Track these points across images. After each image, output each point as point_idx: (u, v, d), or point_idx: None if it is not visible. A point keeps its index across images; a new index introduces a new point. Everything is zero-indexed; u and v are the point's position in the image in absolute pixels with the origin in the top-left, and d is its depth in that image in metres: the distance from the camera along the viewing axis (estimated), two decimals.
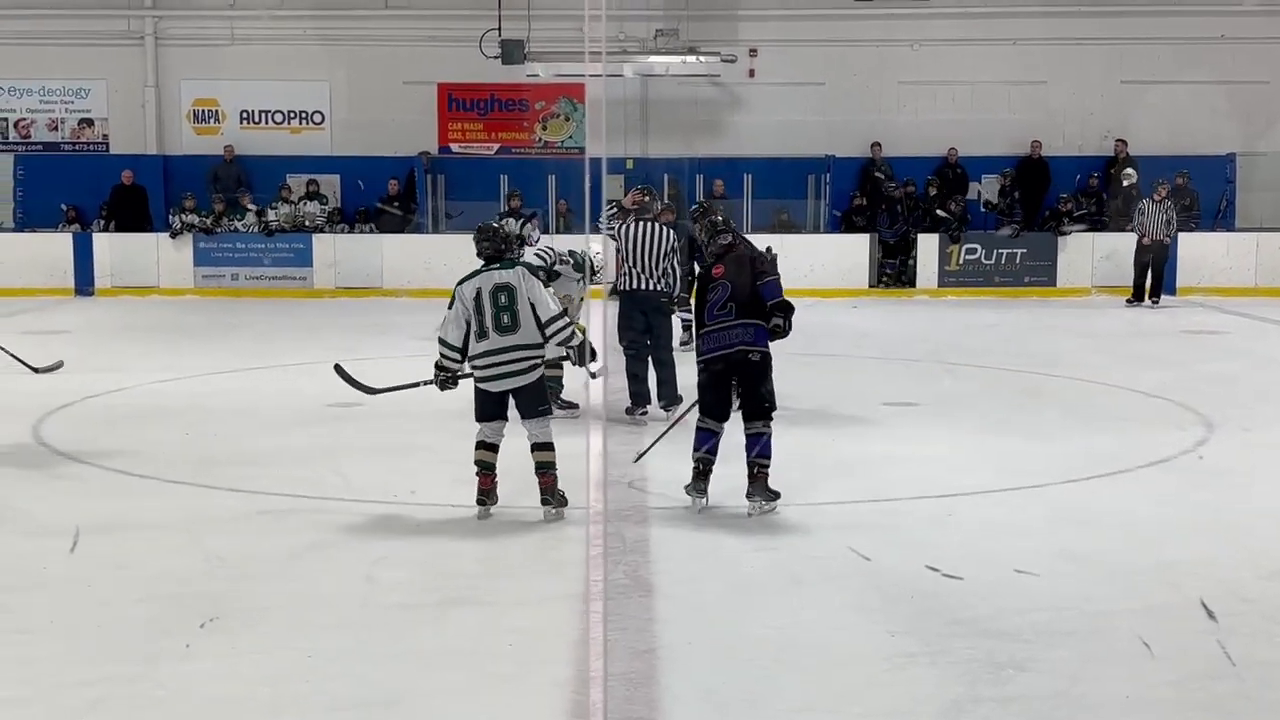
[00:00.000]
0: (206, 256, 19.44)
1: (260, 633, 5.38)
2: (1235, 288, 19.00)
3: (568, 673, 4.95)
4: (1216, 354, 13.76)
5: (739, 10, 20.39)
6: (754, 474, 7.11)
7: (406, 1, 20.74)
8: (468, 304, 7.06)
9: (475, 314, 7.04)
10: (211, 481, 7.90)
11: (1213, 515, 7.24)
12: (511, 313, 7.03)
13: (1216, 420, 9.72)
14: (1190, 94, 20.42)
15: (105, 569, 6.29)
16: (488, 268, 7.16)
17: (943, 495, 7.54)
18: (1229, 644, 5.20)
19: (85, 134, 21.17)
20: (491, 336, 7.02)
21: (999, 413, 10.31)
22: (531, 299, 7.06)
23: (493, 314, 7.02)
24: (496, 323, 7.02)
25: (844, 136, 20.57)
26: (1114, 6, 20.42)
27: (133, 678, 4.93)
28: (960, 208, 19.56)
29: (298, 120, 21.17)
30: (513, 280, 7.08)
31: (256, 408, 10.45)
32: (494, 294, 7.03)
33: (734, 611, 5.64)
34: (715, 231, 7.48)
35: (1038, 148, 20.26)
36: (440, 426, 8.78)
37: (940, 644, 5.21)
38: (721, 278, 7.27)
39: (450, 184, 20.83)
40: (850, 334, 14.66)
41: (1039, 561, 6.25)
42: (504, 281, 7.07)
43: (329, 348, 13.99)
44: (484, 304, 7.03)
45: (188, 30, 20.94)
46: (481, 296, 7.03)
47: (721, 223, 7.54)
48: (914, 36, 20.76)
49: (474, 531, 6.86)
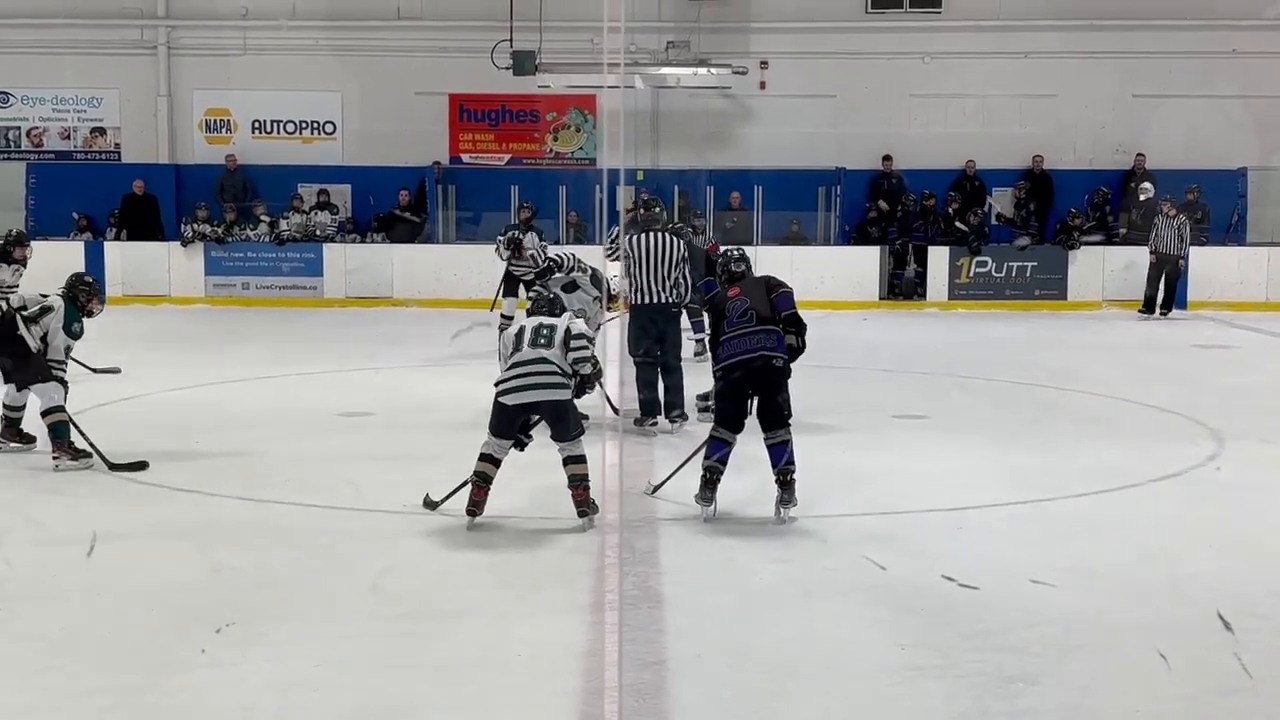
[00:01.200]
0: (217, 265, 19.49)
1: (269, 642, 5.37)
2: (1246, 302, 18.96)
3: (577, 684, 4.94)
4: (1228, 368, 13.73)
5: (750, 23, 20.40)
6: (786, 480, 7.16)
7: (418, 12, 20.77)
8: (508, 342, 7.24)
9: (515, 341, 7.20)
10: (222, 490, 7.91)
11: (1224, 530, 7.21)
12: (550, 333, 7.20)
13: (1228, 435, 9.69)
14: (1202, 108, 20.39)
15: (116, 578, 6.29)
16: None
17: (953, 508, 7.53)
18: (1244, 658, 5.17)
19: (97, 143, 21.23)
20: (525, 350, 7.13)
21: (1010, 426, 10.28)
22: (569, 328, 7.25)
23: (531, 337, 7.18)
24: (534, 339, 7.17)
25: (855, 149, 20.57)
26: (1126, 20, 20.40)
27: (142, 687, 4.92)
28: (979, 220, 19.57)
29: (309, 130, 21.21)
30: (557, 322, 7.30)
31: (267, 417, 10.46)
32: (536, 329, 7.25)
33: (744, 623, 5.62)
34: (731, 261, 7.76)
35: (1040, 162, 20.26)
36: (452, 437, 8.78)
37: (950, 657, 5.20)
38: (739, 295, 7.41)
39: (461, 194, 20.86)
40: (861, 346, 14.64)
41: (1050, 575, 6.23)
42: (549, 322, 7.30)
43: (339, 357, 14.04)
44: (524, 334, 7.22)
45: (200, 40, 21.00)
46: (524, 332, 7.24)
47: (738, 258, 7.78)
48: (925, 49, 20.76)
49: (483, 542, 6.86)
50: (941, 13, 20.69)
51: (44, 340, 8.63)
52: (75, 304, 8.78)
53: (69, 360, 8.79)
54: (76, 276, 9.08)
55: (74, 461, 8.46)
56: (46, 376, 8.54)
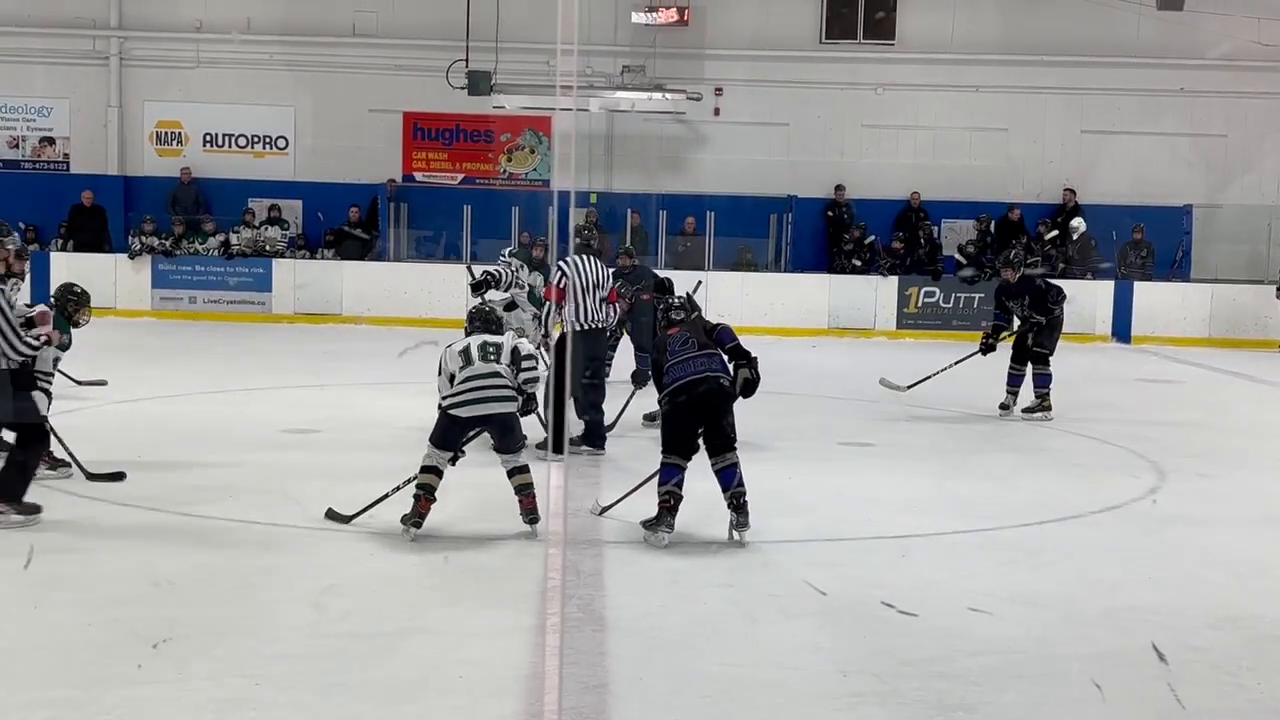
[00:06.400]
0: (165, 279, 19.36)
1: (209, 659, 5.32)
2: (1189, 338, 19.23)
3: (519, 706, 4.92)
4: (1170, 403, 13.90)
5: (706, 49, 20.54)
6: (739, 504, 7.22)
7: (374, 29, 20.77)
8: (453, 359, 7.32)
9: (462, 357, 7.31)
10: (163, 505, 7.83)
11: (1164, 562, 7.29)
12: (496, 351, 7.36)
13: (1168, 468, 9.81)
14: (1149, 145, 20.72)
15: (54, 592, 6.22)
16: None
17: (897, 536, 7.57)
18: (1179, 690, 5.23)
19: (46, 153, 21.06)
20: (476, 364, 7.26)
21: (954, 455, 10.37)
22: (516, 347, 7.42)
23: (479, 353, 7.32)
24: (483, 354, 7.31)
25: (807, 177, 20.74)
26: (1076, 57, 20.69)
27: (79, 702, 4.86)
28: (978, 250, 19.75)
29: (261, 145, 21.14)
30: (502, 340, 7.48)
31: (211, 432, 10.39)
32: (482, 345, 7.39)
33: (688, 647, 5.62)
34: (670, 310, 7.78)
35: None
36: (398, 455, 8.73)
37: (892, 684, 5.22)
38: (680, 332, 7.53)
39: (413, 213, 20.85)
40: (809, 373, 14.71)
41: (991, 603, 6.27)
42: (494, 340, 7.46)
43: (287, 373, 13.97)
44: (471, 350, 7.34)
45: (153, 52, 20.90)
46: (470, 349, 7.36)
47: (678, 306, 7.81)
48: (878, 80, 20.97)
49: (426, 561, 6.83)
50: (895, 45, 20.93)
51: None
52: (63, 314, 8.63)
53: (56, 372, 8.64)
54: (66, 286, 8.88)
55: (51, 471, 8.34)
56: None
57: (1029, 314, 12.30)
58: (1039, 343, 12.30)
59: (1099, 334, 19.14)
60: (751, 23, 20.91)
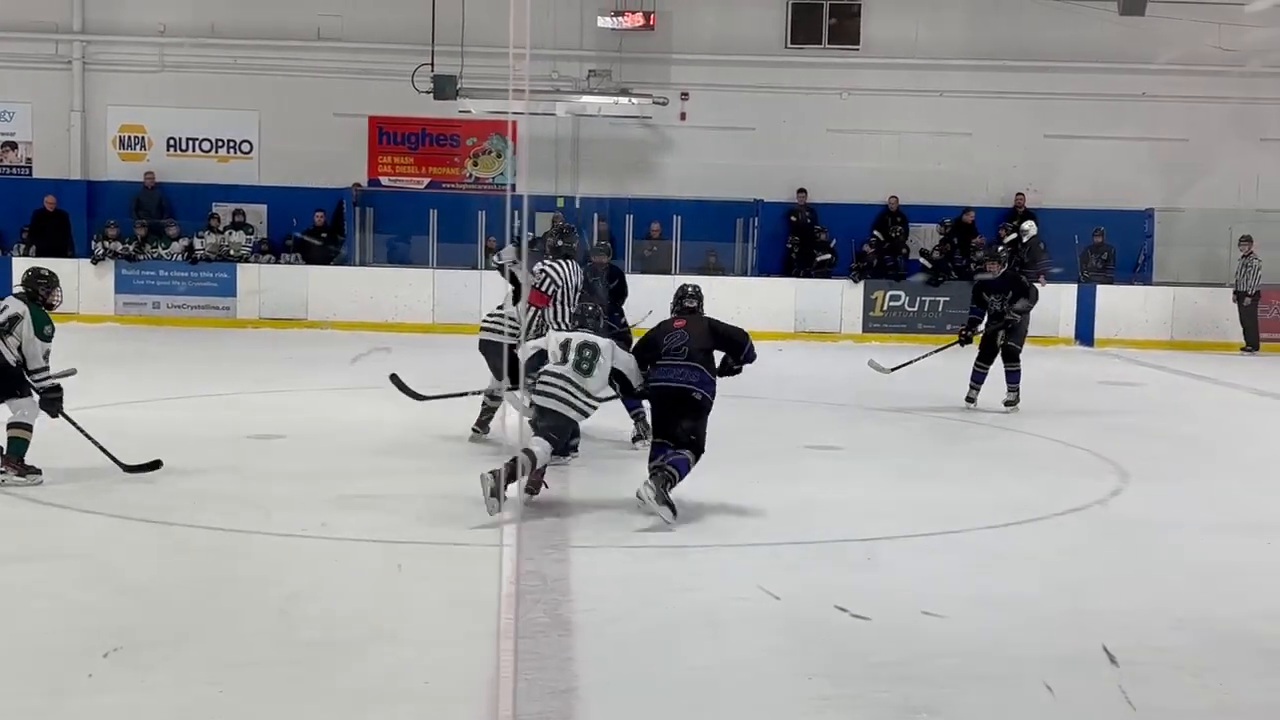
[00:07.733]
0: (128, 284, 19.24)
1: (171, 667, 5.29)
2: (1151, 340, 19.37)
3: (483, 712, 4.92)
4: (1132, 405, 14.00)
5: (672, 54, 20.59)
6: (662, 475, 7.48)
7: (339, 33, 20.71)
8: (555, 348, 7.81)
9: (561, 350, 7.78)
10: (125, 512, 7.78)
11: (1126, 564, 7.34)
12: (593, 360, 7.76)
13: (1131, 471, 9.87)
14: (1111, 150, 20.85)
15: (13, 599, 6.17)
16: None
17: (863, 539, 7.59)
18: (1136, 691, 5.26)
19: (8, 157, 20.91)
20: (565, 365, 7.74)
21: (919, 458, 10.42)
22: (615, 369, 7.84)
23: (576, 354, 7.76)
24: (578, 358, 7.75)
25: (773, 181, 20.80)
26: (1039, 62, 20.82)
27: (38, 710, 4.83)
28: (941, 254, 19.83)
29: (225, 149, 21.04)
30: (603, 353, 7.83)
31: (175, 437, 10.31)
32: (580, 348, 7.77)
33: (653, 652, 5.63)
34: (686, 297, 8.23)
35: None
36: (358, 460, 8.72)
37: (856, 687, 5.24)
38: (683, 329, 7.90)
39: (379, 217, 20.80)
40: (775, 377, 14.72)
41: (954, 606, 6.30)
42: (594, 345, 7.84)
43: (251, 379, 13.90)
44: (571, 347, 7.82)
45: (116, 56, 20.78)
46: (570, 345, 7.78)
47: (692, 294, 8.26)
48: (843, 85, 21.04)
49: (391, 567, 6.81)
50: (860, 49, 21.01)
51: (20, 351, 8.42)
52: (38, 302, 8.55)
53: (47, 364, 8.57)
54: (34, 271, 8.80)
55: (20, 478, 8.28)
56: (25, 392, 8.35)
57: (1007, 309, 12.61)
58: (1010, 340, 12.49)
59: (1062, 336, 19.27)
60: (717, 27, 20.97)
